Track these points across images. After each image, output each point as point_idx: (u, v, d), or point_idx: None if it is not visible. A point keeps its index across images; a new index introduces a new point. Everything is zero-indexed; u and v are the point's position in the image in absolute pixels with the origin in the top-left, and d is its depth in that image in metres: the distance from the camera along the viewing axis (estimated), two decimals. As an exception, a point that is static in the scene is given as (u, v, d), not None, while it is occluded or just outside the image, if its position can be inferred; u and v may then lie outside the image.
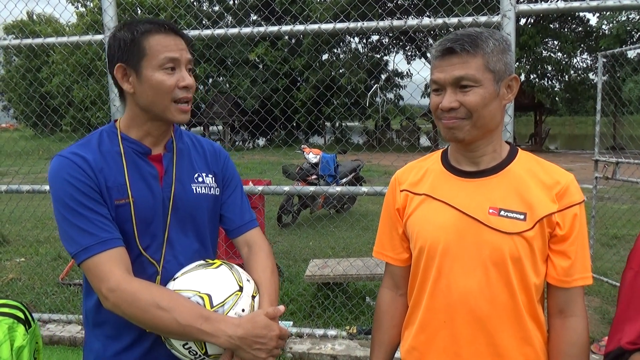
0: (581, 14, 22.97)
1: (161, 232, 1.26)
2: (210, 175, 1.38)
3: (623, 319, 1.14)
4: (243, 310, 1.19)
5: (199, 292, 1.17)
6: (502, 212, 1.18)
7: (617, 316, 1.17)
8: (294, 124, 23.80)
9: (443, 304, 1.23)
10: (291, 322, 3.70)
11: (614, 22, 18.83)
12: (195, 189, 1.33)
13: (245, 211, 1.44)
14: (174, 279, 1.23)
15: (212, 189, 1.37)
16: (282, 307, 1.25)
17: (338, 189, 3.22)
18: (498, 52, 1.15)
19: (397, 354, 1.39)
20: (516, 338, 1.20)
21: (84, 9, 26.90)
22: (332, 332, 3.52)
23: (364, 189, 3.13)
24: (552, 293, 1.22)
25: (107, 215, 1.19)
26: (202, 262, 1.28)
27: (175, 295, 1.16)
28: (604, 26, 21.07)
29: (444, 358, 1.25)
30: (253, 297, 1.24)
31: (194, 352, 1.18)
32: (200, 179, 1.35)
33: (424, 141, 23.26)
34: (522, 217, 1.17)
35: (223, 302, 1.17)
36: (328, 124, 26.19)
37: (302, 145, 8.35)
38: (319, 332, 3.53)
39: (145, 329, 1.20)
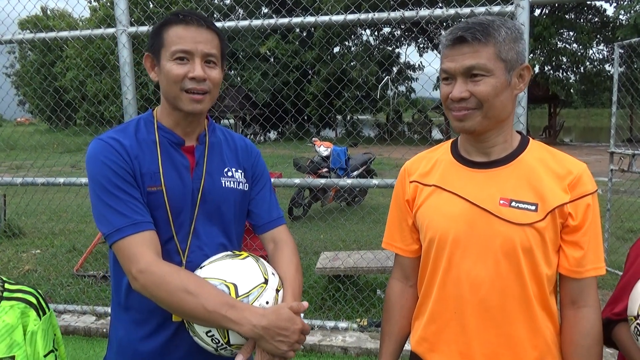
0: (597, 3, 22.54)
1: (188, 222, 1.29)
2: (240, 171, 1.40)
3: (619, 296, 1.23)
4: (267, 303, 1.21)
5: (225, 281, 1.19)
6: (513, 203, 1.17)
7: (615, 292, 1.26)
8: (305, 117, 23.79)
9: (453, 294, 1.23)
10: (302, 314, 3.72)
11: (632, 11, 18.43)
12: (224, 182, 1.35)
13: (273, 208, 1.46)
14: (201, 267, 1.25)
15: (240, 184, 1.39)
16: (305, 303, 1.27)
17: (349, 181, 3.22)
18: (510, 40, 1.13)
19: (408, 346, 1.39)
20: (527, 329, 1.19)
21: (96, 3, 27.08)
22: (342, 324, 3.53)
23: (375, 181, 3.13)
24: (564, 284, 1.21)
25: (140, 199, 1.23)
26: (229, 252, 1.30)
27: (203, 281, 1.18)
28: (620, 16, 20.63)
29: (454, 348, 1.25)
30: (277, 290, 1.25)
31: (217, 340, 1.19)
32: (229, 173, 1.37)
33: (436, 134, 23.11)
34: (533, 207, 1.16)
35: (248, 292, 1.18)
36: (339, 116, 26.11)
37: (313, 138, 8.35)
38: (330, 324, 3.54)
39: (171, 312, 1.23)
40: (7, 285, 1.19)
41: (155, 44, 1.26)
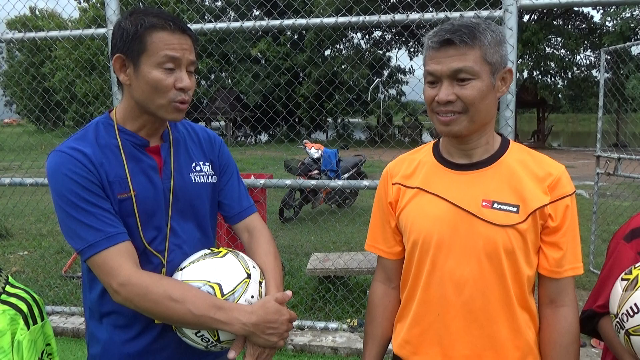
0: (584, 10, 22.87)
1: (164, 223, 1.27)
2: (207, 164, 1.39)
3: (600, 288, 1.26)
4: (252, 297, 1.21)
5: (209, 282, 1.18)
6: (496, 205, 1.18)
7: (596, 286, 1.29)
8: (296, 119, 23.81)
9: (437, 296, 1.23)
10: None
11: (618, 18, 18.72)
12: (194, 178, 1.34)
13: (243, 197, 1.45)
14: (181, 269, 1.24)
15: (209, 177, 1.38)
16: (289, 292, 1.27)
17: (340, 182, 3.24)
18: (495, 44, 1.14)
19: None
20: (509, 330, 1.20)
21: (86, 4, 26.87)
22: (333, 324, 3.55)
23: (365, 182, 3.15)
24: (543, 283, 1.23)
25: (111, 209, 1.19)
26: (207, 251, 1.29)
27: (187, 286, 1.17)
28: (607, 23, 20.94)
29: (437, 351, 1.24)
30: (260, 283, 1.26)
31: (207, 339, 1.20)
32: (198, 168, 1.36)
33: (426, 136, 23.22)
34: (515, 209, 1.17)
35: (233, 290, 1.19)
36: (330, 119, 26.15)
37: (304, 140, 8.37)
38: (320, 324, 3.56)
39: (159, 320, 1.22)
40: (7, 288, 1.16)
41: (134, 47, 1.17)
